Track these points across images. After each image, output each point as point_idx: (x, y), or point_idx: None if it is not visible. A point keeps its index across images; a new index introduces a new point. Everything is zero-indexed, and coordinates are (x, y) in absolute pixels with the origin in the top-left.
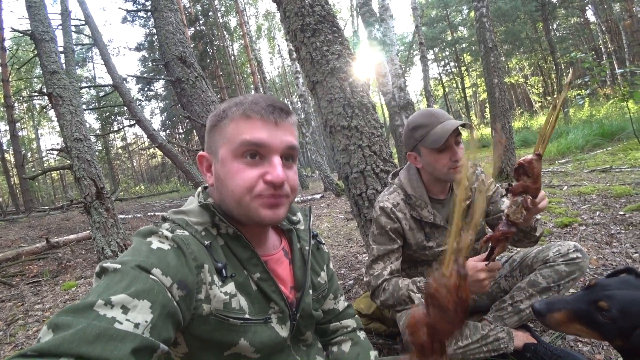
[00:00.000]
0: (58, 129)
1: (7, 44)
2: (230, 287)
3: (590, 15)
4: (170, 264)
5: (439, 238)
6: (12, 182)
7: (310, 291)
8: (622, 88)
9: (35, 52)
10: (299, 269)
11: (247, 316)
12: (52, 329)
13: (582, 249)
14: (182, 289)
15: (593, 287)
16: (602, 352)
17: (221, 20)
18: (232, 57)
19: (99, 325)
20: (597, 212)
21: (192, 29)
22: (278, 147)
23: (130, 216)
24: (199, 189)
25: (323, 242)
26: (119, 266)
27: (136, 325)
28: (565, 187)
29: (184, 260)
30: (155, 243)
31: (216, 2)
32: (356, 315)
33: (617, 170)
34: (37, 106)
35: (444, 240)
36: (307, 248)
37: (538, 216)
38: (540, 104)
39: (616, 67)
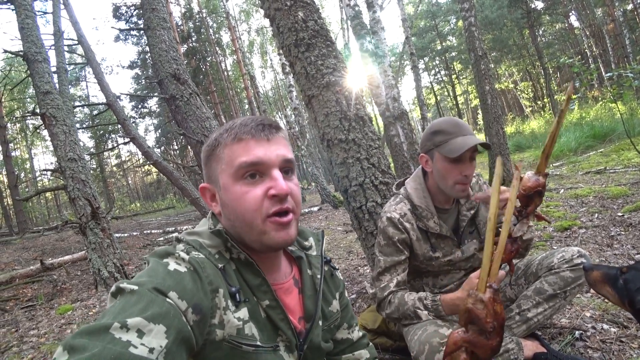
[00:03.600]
0: (52, 148)
1: (0, 65)
2: (244, 312)
3: (574, 20)
4: (187, 287)
5: (445, 249)
6: (6, 203)
7: (320, 322)
8: (611, 90)
9: (28, 72)
10: (309, 298)
11: (258, 343)
12: (68, 351)
13: (586, 254)
14: (197, 314)
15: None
16: (612, 358)
17: (214, 37)
18: (226, 73)
19: (114, 350)
20: (596, 214)
21: (185, 45)
22: (275, 162)
23: (126, 234)
24: (210, 214)
25: (337, 267)
26: (136, 287)
27: (151, 350)
28: (562, 190)
29: (200, 283)
30: (172, 264)
31: (208, 19)
32: (370, 344)
33: (611, 171)
34: (31, 126)
35: (449, 250)
36: (318, 276)
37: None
38: (530, 108)
39: (602, 70)
